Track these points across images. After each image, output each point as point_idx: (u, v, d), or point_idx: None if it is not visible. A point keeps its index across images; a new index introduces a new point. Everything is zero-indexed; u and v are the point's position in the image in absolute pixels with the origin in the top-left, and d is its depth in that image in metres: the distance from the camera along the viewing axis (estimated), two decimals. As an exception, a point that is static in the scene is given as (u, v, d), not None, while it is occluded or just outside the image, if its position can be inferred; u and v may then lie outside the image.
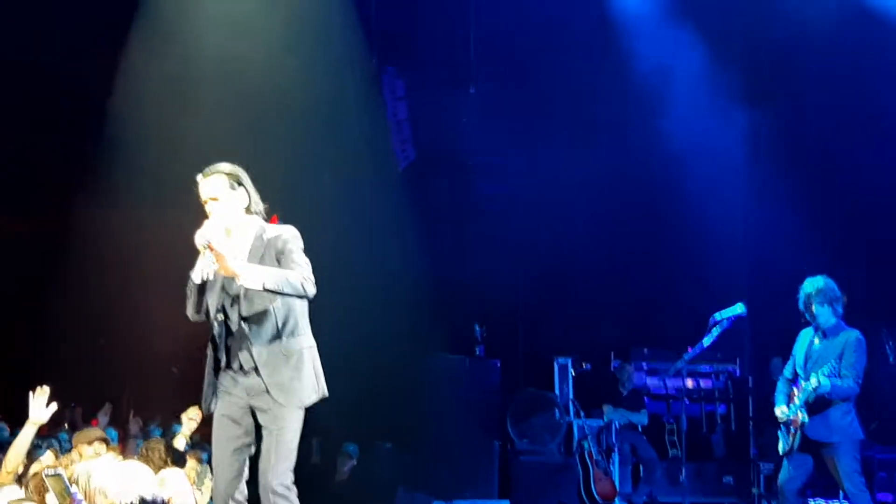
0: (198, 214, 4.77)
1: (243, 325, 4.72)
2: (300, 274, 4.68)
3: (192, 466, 6.81)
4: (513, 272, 11.52)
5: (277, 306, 4.72)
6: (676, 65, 11.16)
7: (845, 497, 7.79)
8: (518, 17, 10.92)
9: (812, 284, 7.12)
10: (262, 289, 4.56)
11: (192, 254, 4.67)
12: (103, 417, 9.20)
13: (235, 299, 4.74)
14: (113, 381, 11.17)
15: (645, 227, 12.05)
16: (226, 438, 4.75)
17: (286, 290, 4.62)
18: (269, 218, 4.94)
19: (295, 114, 9.85)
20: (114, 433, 8.22)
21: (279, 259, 4.74)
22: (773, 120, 11.65)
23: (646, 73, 11.19)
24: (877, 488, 10.94)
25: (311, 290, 4.71)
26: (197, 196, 4.82)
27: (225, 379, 4.78)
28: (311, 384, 4.76)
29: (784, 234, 11.20)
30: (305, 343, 4.80)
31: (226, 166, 4.86)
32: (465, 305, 10.76)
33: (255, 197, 4.89)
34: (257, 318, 4.72)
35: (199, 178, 4.84)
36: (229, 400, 4.76)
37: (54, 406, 5.81)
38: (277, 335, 4.72)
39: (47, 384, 5.82)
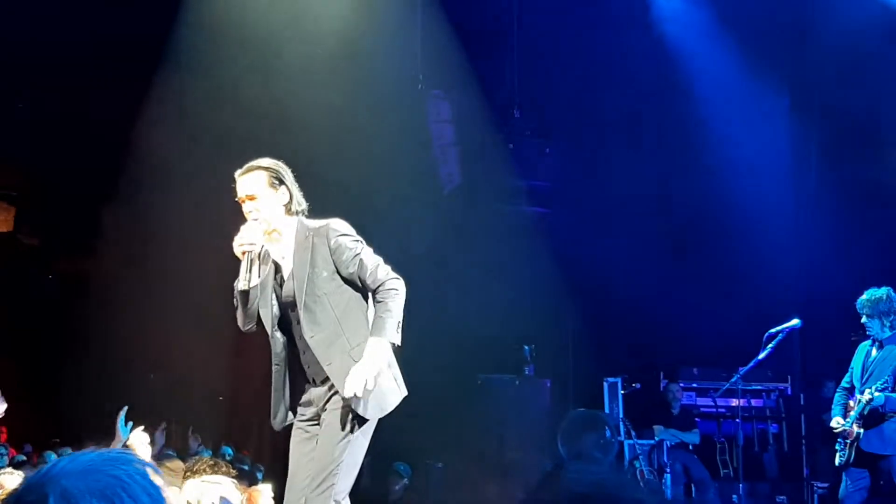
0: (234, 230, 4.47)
1: (307, 336, 4.38)
2: (386, 283, 4.34)
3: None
4: (562, 292, 11.52)
5: (340, 312, 4.39)
6: (722, 77, 11.11)
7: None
8: (561, 39, 10.98)
9: (872, 295, 7.09)
10: (397, 342, 4.28)
11: (233, 268, 4.41)
12: (160, 436, 9.30)
13: (292, 308, 4.43)
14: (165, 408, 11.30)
15: (695, 245, 11.99)
16: (300, 454, 4.45)
17: (401, 313, 4.31)
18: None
19: (340, 135, 9.94)
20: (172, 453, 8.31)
21: (335, 259, 4.40)
22: (822, 129, 11.56)
23: (691, 89, 11.17)
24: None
25: (401, 283, 4.39)
26: (234, 194, 4.50)
27: (295, 393, 4.51)
28: (390, 386, 4.43)
29: (836, 248, 11.09)
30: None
31: (266, 161, 4.53)
32: (515, 325, 10.76)
33: (298, 195, 4.53)
34: (320, 328, 4.37)
35: (237, 174, 4.50)
36: (303, 413, 4.50)
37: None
38: (344, 342, 4.37)
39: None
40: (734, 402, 10.62)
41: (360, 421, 4.36)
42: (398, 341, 4.35)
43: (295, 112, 9.90)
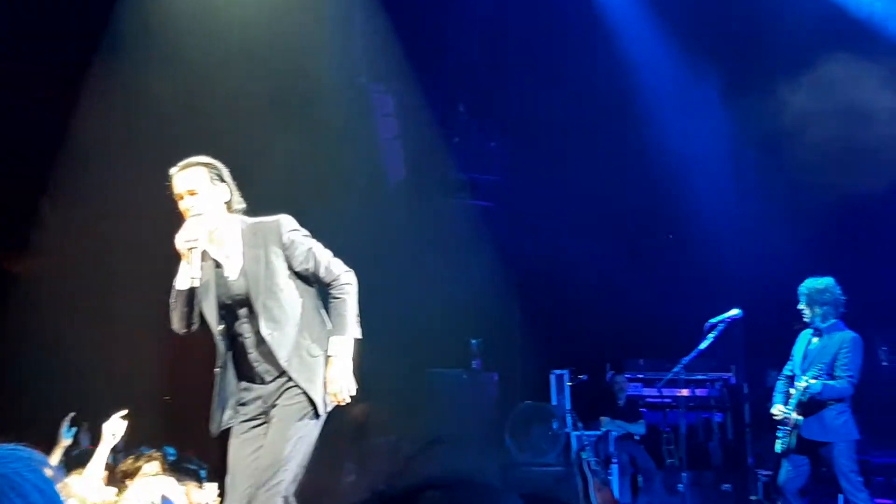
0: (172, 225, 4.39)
1: (265, 333, 4.34)
2: (340, 277, 4.42)
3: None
4: (509, 285, 11.55)
5: (295, 308, 4.39)
6: (663, 69, 11.19)
7: (845, 502, 7.83)
8: (505, 32, 10.98)
9: (813, 283, 7.20)
10: (359, 336, 4.37)
11: (173, 263, 4.32)
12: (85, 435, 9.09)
13: (242, 305, 4.38)
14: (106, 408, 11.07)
15: (640, 237, 12.10)
16: (242, 455, 4.40)
17: (357, 307, 4.40)
18: None
19: (282, 130, 9.83)
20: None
21: (288, 255, 4.40)
22: (758, 120, 11.69)
23: (635, 82, 11.25)
24: (875, 493, 10.97)
25: (354, 276, 4.47)
26: (169, 193, 4.42)
27: (237, 393, 4.44)
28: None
29: (778, 238, 11.24)
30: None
31: (204, 158, 4.47)
32: (461, 320, 10.76)
33: (237, 194, 4.51)
34: (278, 325, 4.34)
35: (174, 170, 4.42)
36: (245, 412, 4.44)
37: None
38: (301, 338, 4.38)
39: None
40: (680, 392, 10.73)
41: (313, 416, 4.36)
42: (359, 335, 4.41)
43: (237, 107, 9.78)
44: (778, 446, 7.19)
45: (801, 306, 7.24)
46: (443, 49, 11.15)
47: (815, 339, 7.23)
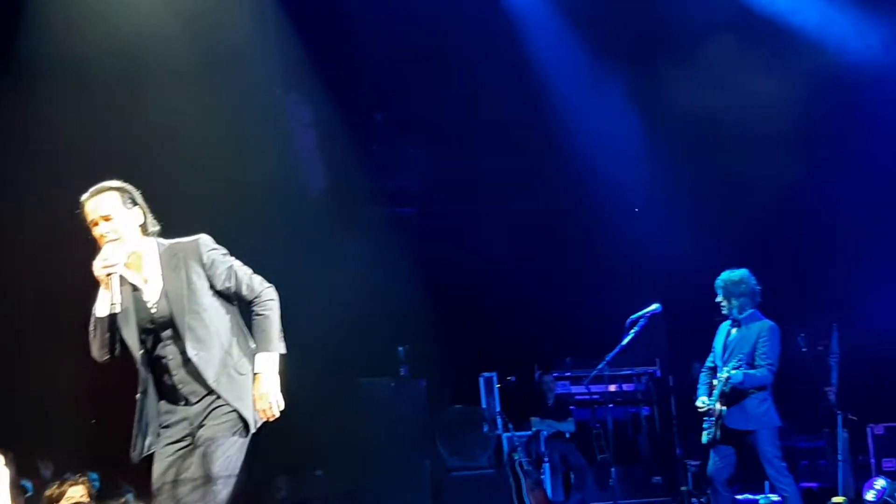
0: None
1: (191, 354, 4.30)
2: (262, 294, 4.44)
3: None
4: (434, 291, 11.57)
5: (219, 327, 4.39)
6: (576, 70, 11.32)
7: (771, 488, 8.00)
8: (416, 39, 10.99)
9: (728, 276, 7.35)
10: (283, 352, 4.39)
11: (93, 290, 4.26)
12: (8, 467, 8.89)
13: (165, 327, 4.34)
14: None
15: (560, 237, 12.22)
16: (167, 478, 4.32)
17: (279, 323, 4.41)
18: None
19: (199, 144, 9.71)
20: (29, 483, 7.98)
21: (209, 275, 4.39)
22: (669, 117, 11.90)
23: (551, 84, 11.36)
24: (800, 477, 11.23)
25: (275, 292, 4.49)
26: (82, 220, 4.38)
27: (160, 417, 4.40)
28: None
29: (693, 232, 11.45)
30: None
31: (115, 182, 4.42)
32: (387, 328, 10.75)
33: (151, 216, 4.49)
34: (203, 346, 4.32)
35: (86, 197, 4.38)
36: (169, 435, 4.39)
37: None
38: (228, 357, 4.37)
39: None
40: (608, 388, 10.87)
41: (242, 434, 4.36)
42: (284, 350, 4.41)
43: (150, 125, 9.64)
44: (704, 437, 7.32)
45: (718, 299, 7.40)
46: (357, 57, 11.12)
47: (734, 330, 7.38)
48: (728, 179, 11.17)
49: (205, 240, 4.48)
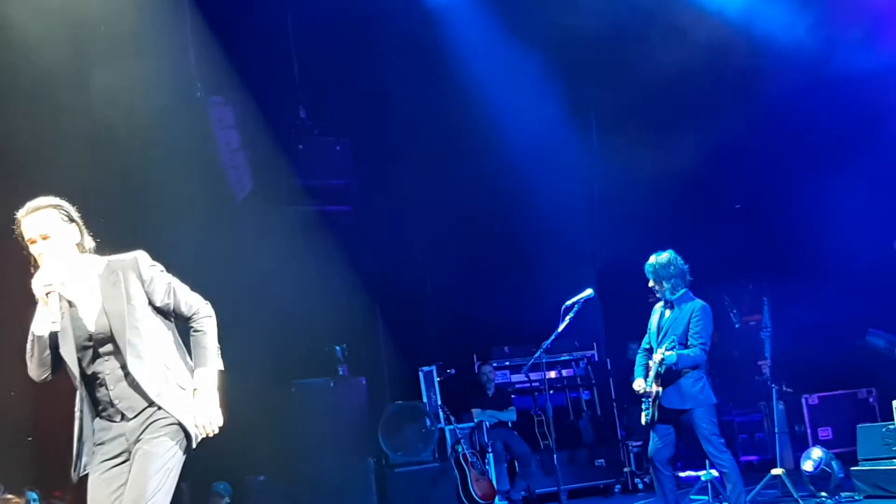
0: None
1: (132, 369, 4.27)
2: (200, 311, 4.47)
3: None
4: (369, 288, 11.52)
5: (158, 343, 4.39)
6: (501, 60, 11.32)
7: (711, 465, 8.11)
8: (340, 35, 10.91)
9: (656, 259, 7.43)
10: (221, 367, 4.41)
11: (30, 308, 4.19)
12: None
13: (104, 343, 4.31)
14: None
15: (494, 228, 12.26)
16: (105, 495, 4.28)
17: (216, 339, 4.44)
18: None
19: (122, 150, 9.51)
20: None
21: (147, 291, 4.39)
22: (600, 107, 11.98)
23: (473, 76, 11.35)
24: (740, 451, 11.43)
25: (211, 308, 4.51)
26: (18, 238, 4.34)
27: (96, 434, 4.35)
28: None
29: (626, 217, 11.55)
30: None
31: (52, 199, 4.40)
32: (323, 328, 10.67)
33: (87, 233, 4.48)
34: (143, 361, 4.30)
35: (23, 214, 4.34)
36: (105, 452, 4.35)
37: None
38: (168, 372, 4.37)
39: None
40: (548, 375, 10.92)
41: (181, 446, 4.35)
42: (221, 367, 4.44)
43: (71, 135, 9.42)
44: (643, 418, 7.40)
45: (650, 284, 7.47)
46: (277, 55, 11.01)
47: (667, 312, 7.46)
48: (652, 160, 11.30)
49: (142, 256, 4.48)
